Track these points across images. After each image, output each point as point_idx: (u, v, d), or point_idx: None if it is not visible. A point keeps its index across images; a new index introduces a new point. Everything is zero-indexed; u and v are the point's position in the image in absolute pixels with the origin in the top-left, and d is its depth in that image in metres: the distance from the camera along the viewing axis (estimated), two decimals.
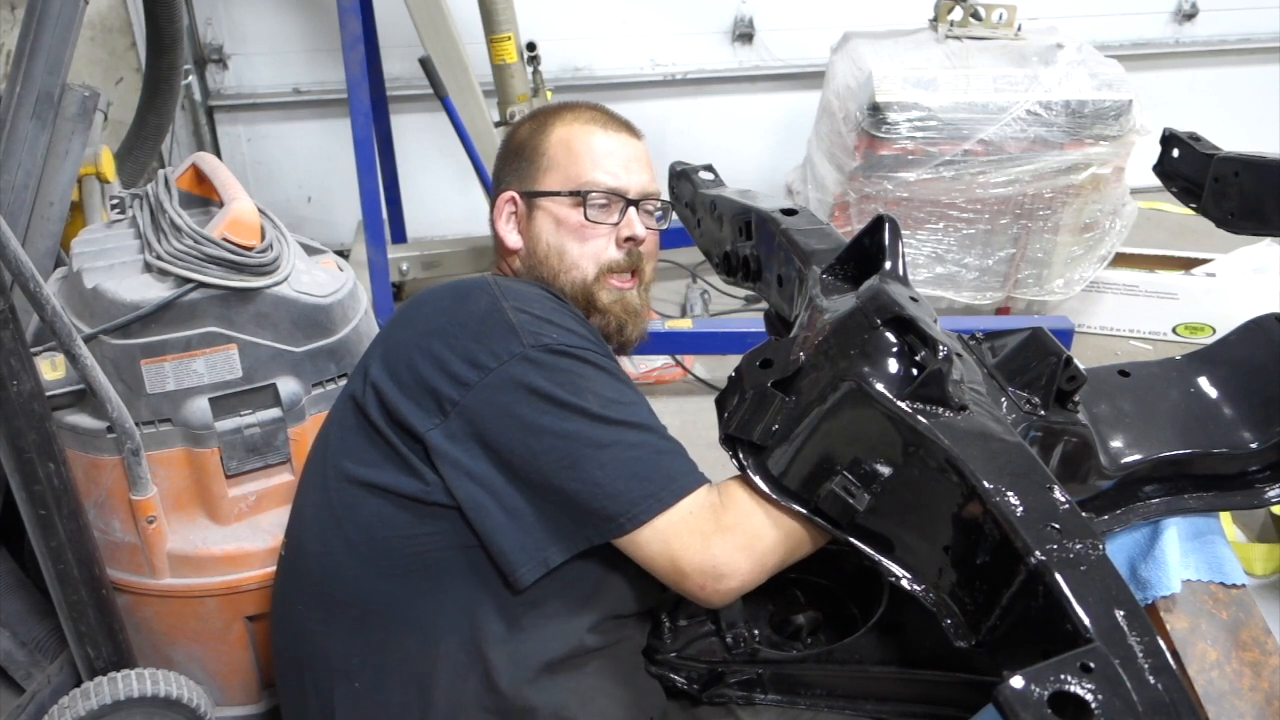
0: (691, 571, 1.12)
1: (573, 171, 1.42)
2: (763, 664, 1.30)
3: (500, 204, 1.47)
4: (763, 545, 1.13)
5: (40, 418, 1.34)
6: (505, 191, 1.47)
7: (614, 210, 1.41)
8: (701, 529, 1.13)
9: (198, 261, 1.42)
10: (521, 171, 1.47)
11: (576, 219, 1.40)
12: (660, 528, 1.13)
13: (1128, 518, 1.29)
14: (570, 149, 1.43)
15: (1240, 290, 2.92)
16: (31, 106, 1.70)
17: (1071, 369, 1.16)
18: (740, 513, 1.14)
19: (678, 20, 3.53)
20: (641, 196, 1.44)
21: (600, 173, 1.41)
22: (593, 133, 1.44)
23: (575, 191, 1.41)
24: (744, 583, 1.14)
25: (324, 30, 3.34)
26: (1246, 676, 1.21)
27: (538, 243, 1.43)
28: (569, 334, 1.21)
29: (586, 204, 1.40)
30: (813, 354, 1.10)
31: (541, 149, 1.45)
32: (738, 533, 1.13)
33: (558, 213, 1.42)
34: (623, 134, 1.47)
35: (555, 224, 1.42)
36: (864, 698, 1.28)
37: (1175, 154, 1.58)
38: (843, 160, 2.78)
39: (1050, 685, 0.72)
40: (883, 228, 1.22)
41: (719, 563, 1.12)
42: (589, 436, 1.15)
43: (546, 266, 1.42)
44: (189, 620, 1.58)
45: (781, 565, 1.16)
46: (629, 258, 1.42)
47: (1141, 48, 3.73)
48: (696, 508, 1.14)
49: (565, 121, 1.46)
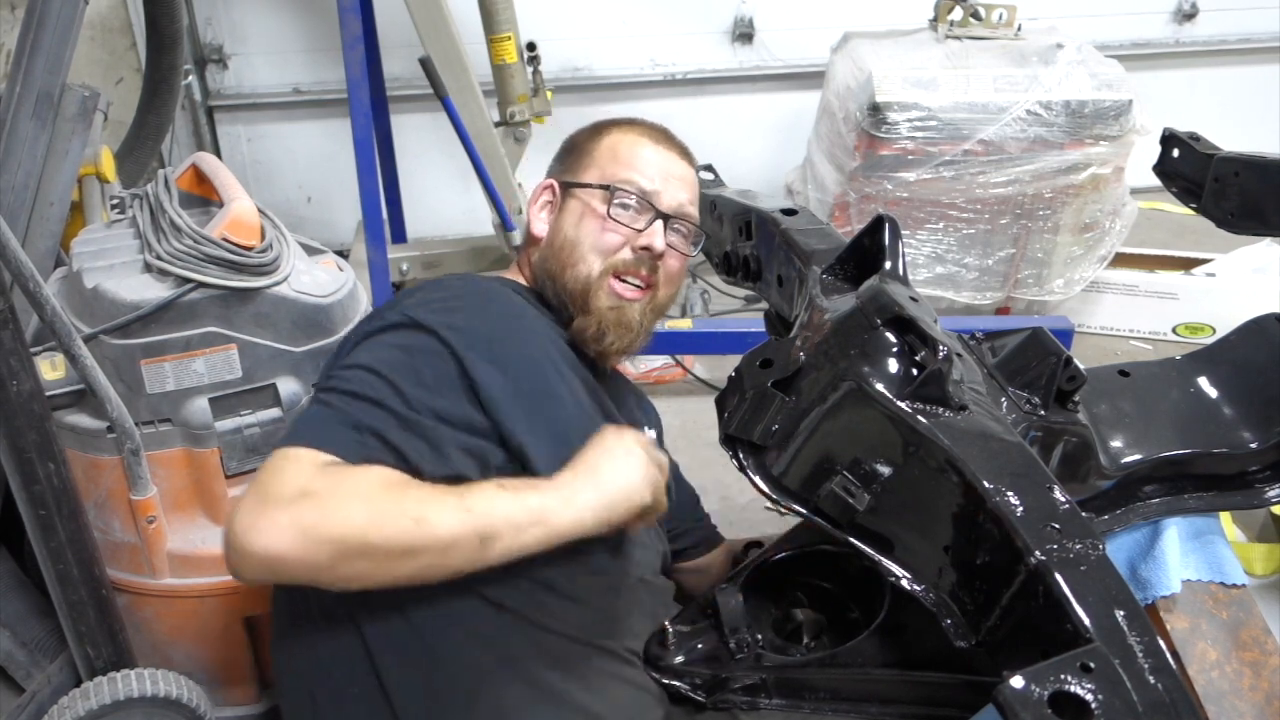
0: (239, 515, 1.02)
1: (610, 170, 1.41)
2: (766, 668, 1.29)
3: (538, 190, 1.48)
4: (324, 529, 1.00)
5: (40, 418, 1.34)
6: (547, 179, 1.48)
7: (641, 216, 1.38)
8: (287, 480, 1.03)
9: (197, 261, 1.42)
10: (567, 165, 1.47)
11: (600, 213, 1.38)
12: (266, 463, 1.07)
13: (1128, 518, 1.29)
14: (616, 152, 1.43)
15: (1240, 290, 2.92)
16: (31, 106, 1.70)
17: (1071, 369, 1.16)
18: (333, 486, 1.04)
19: (678, 20, 3.53)
20: (674, 213, 1.41)
21: (636, 174, 1.40)
22: (643, 143, 1.44)
23: (606, 186, 1.39)
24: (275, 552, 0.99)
25: (324, 30, 3.33)
26: (1246, 676, 1.21)
27: (558, 232, 1.41)
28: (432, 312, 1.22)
29: (613, 199, 1.38)
30: (813, 354, 1.10)
31: (590, 149, 1.45)
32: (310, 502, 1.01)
33: (586, 204, 1.40)
34: (673, 153, 1.46)
35: (580, 215, 1.40)
36: (868, 700, 1.27)
37: (1175, 154, 1.58)
38: (843, 160, 2.78)
39: (1050, 685, 0.72)
40: (883, 228, 1.22)
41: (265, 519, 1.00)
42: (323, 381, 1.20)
43: (558, 260, 1.40)
44: (189, 620, 1.58)
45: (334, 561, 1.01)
46: (638, 264, 1.38)
47: (1141, 48, 3.73)
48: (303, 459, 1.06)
49: (622, 130, 1.46)
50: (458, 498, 1.07)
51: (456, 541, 1.04)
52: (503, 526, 1.06)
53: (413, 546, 1.03)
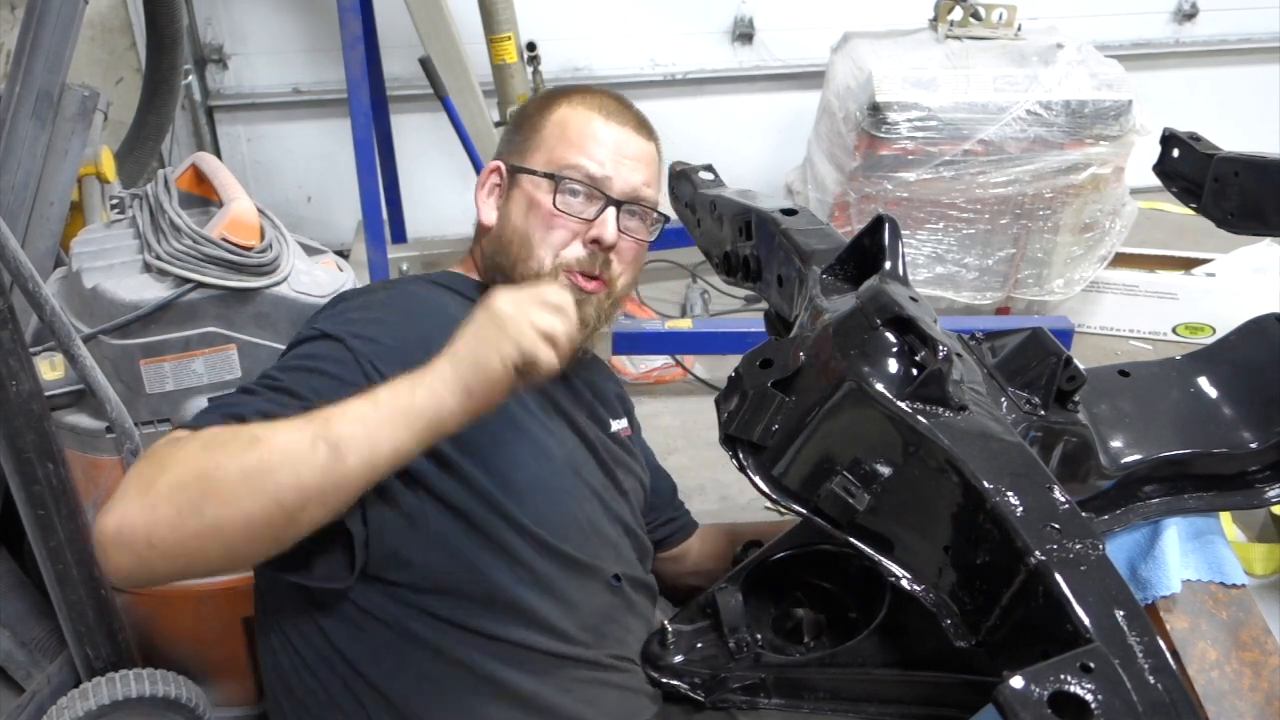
0: (110, 502, 0.92)
1: (558, 153, 1.31)
2: (766, 668, 1.29)
3: (485, 173, 1.38)
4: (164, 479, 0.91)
5: (39, 418, 1.34)
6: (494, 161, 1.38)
7: (591, 205, 1.29)
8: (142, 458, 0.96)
9: (197, 261, 1.42)
10: (514, 144, 1.37)
11: (547, 205, 1.28)
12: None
13: (1128, 518, 1.29)
14: (564, 130, 1.32)
15: (1240, 290, 2.91)
16: (31, 106, 1.70)
17: (1071, 369, 1.15)
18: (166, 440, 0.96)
19: (678, 20, 3.53)
20: (628, 198, 1.31)
21: (584, 158, 1.29)
22: (593, 119, 1.32)
23: (551, 174, 1.29)
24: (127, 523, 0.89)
25: (324, 30, 3.33)
26: (1246, 676, 1.21)
27: (506, 223, 1.33)
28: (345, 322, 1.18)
29: (558, 189, 1.28)
30: (813, 354, 1.10)
31: (539, 125, 1.35)
32: (143, 462, 0.94)
33: (532, 194, 1.31)
34: (628, 127, 1.34)
35: (527, 206, 1.31)
36: (868, 700, 1.27)
37: (1175, 154, 1.58)
38: (843, 160, 2.78)
39: (1050, 685, 0.72)
40: (883, 228, 1.22)
41: (120, 495, 0.92)
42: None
43: (508, 253, 1.31)
44: (188, 620, 1.58)
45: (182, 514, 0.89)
46: (591, 259, 1.29)
47: (1141, 48, 3.73)
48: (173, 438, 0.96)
49: (572, 103, 1.35)
50: (303, 417, 0.95)
51: (300, 452, 0.91)
52: (351, 426, 0.93)
53: (254, 469, 0.89)
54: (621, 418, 1.49)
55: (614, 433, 1.44)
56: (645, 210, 1.34)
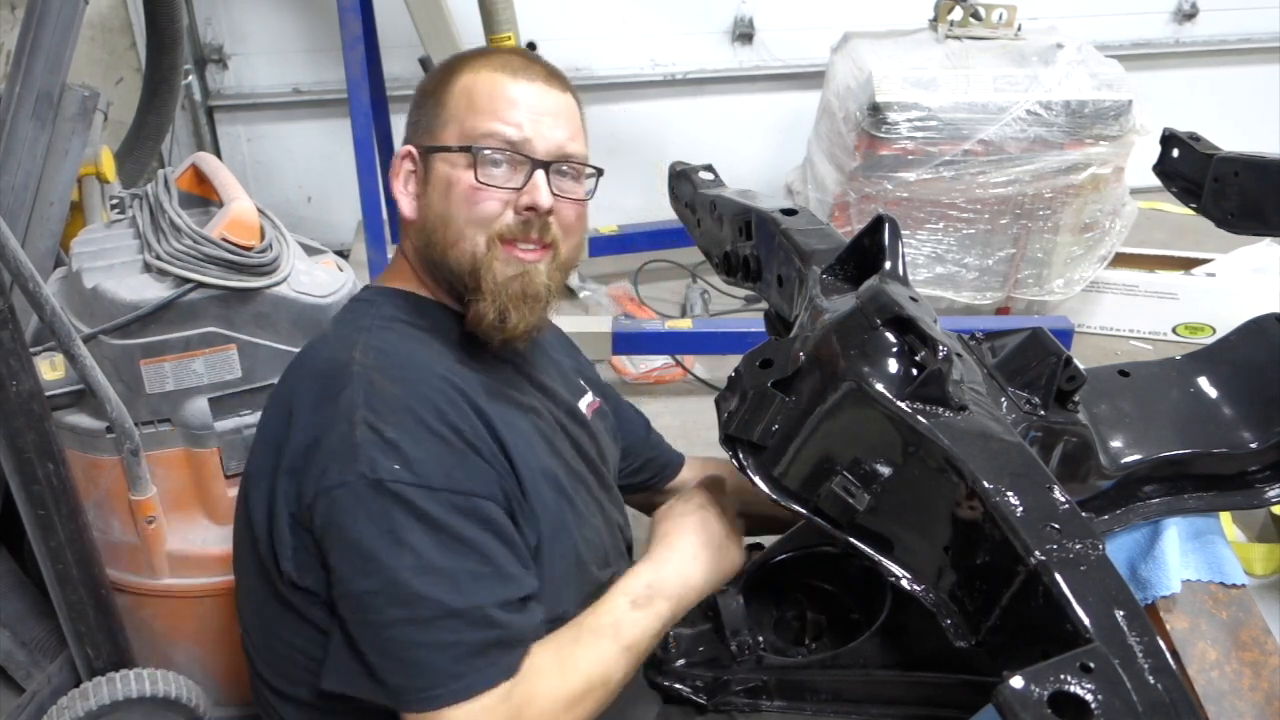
0: None
1: (469, 124, 1.19)
2: (768, 670, 1.29)
3: (396, 162, 1.26)
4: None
5: (39, 418, 1.34)
6: (404, 146, 1.26)
7: (517, 173, 1.18)
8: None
9: (197, 261, 1.42)
10: (421, 124, 1.25)
11: (468, 181, 1.17)
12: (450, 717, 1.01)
13: (1128, 518, 1.29)
14: (472, 99, 1.20)
15: (1240, 290, 2.92)
16: (31, 106, 1.70)
17: (1071, 369, 1.16)
18: (538, 711, 1.05)
19: (678, 20, 3.53)
20: (555, 158, 1.20)
21: (499, 124, 1.18)
22: (500, 80, 1.20)
23: (466, 147, 1.18)
24: None
25: (324, 30, 3.33)
26: (1246, 676, 1.21)
27: (429, 212, 1.22)
28: (417, 466, 1.04)
29: (478, 162, 1.17)
30: (813, 354, 1.10)
31: (443, 99, 1.23)
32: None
33: (450, 173, 1.19)
34: (538, 82, 1.22)
35: (447, 184, 1.19)
36: (870, 701, 1.27)
37: (1175, 154, 1.58)
38: (843, 160, 2.78)
39: (1050, 685, 0.72)
40: (883, 228, 1.22)
41: None
42: (381, 608, 1.02)
43: (436, 242, 1.21)
44: (188, 620, 1.58)
45: None
46: (526, 226, 1.18)
47: (1141, 48, 3.73)
48: (495, 705, 1.02)
49: (474, 68, 1.22)
50: (612, 640, 1.14)
51: (627, 675, 1.15)
52: (649, 644, 1.18)
53: (606, 700, 1.12)
54: (586, 392, 1.43)
55: (589, 422, 1.39)
56: (576, 167, 1.24)
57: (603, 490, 1.35)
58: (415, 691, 1.01)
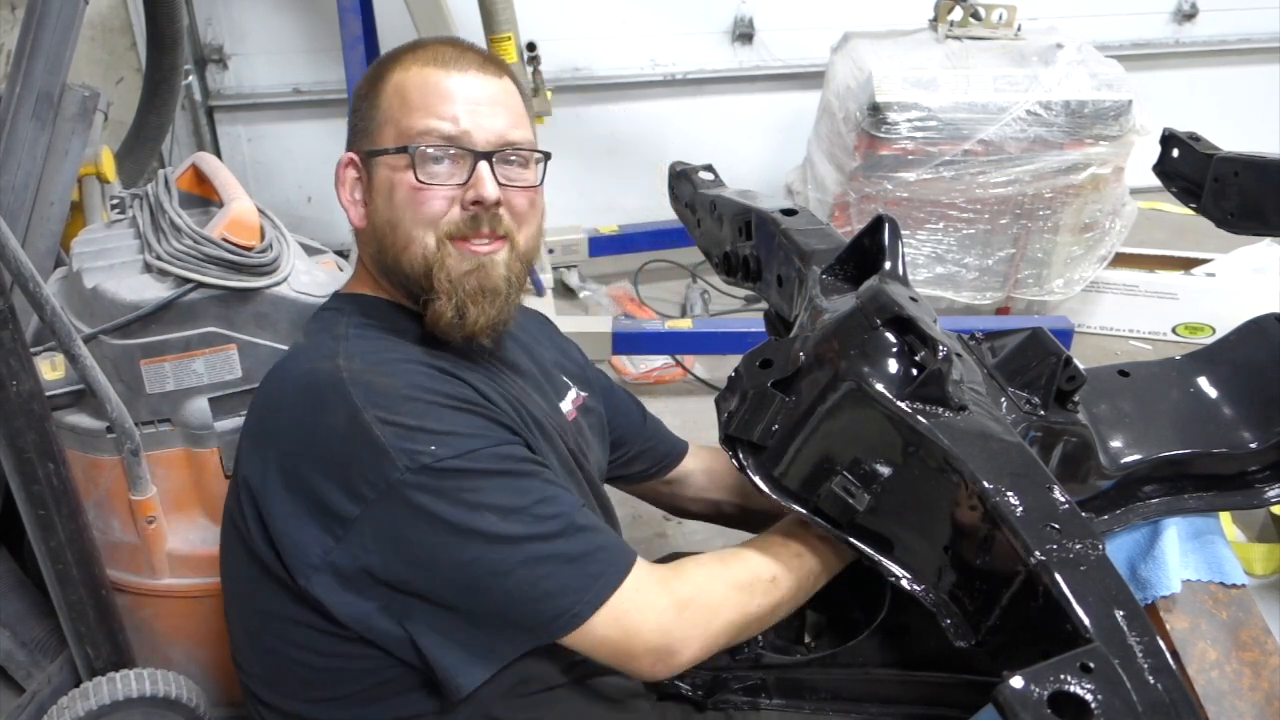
0: (643, 651, 1.07)
1: (405, 124, 1.16)
2: (766, 669, 1.29)
3: (339, 171, 1.24)
4: (719, 622, 1.10)
5: (40, 418, 1.34)
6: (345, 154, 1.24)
7: (459, 167, 1.15)
8: (653, 604, 1.07)
9: (197, 261, 1.41)
10: (359, 129, 1.23)
11: (409, 182, 1.15)
12: (606, 618, 1.05)
13: (1128, 518, 1.29)
14: (405, 96, 1.17)
15: (1240, 290, 2.92)
16: (31, 106, 1.70)
17: (1071, 369, 1.16)
18: (696, 586, 1.10)
19: (678, 20, 3.53)
20: (496, 147, 1.16)
21: (434, 119, 1.15)
22: (430, 74, 1.17)
23: (403, 148, 1.15)
24: (693, 659, 1.09)
25: (324, 30, 3.33)
26: (1246, 676, 1.21)
27: (376, 218, 1.19)
28: (449, 439, 1.04)
29: (416, 162, 1.14)
30: (813, 354, 1.10)
31: (377, 101, 1.20)
32: (694, 608, 1.09)
33: (391, 176, 1.16)
34: (470, 72, 1.18)
35: (390, 188, 1.17)
36: (868, 700, 1.27)
37: (1175, 154, 1.58)
38: (843, 160, 2.78)
39: (1050, 685, 0.72)
40: (882, 228, 1.22)
41: (673, 640, 1.07)
42: (493, 560, 1.03)
43: (387, 248, 1.18)
44: (188, 620, 1.58)
45: (731, 643, 1.14)
46: (476, 221, 1.15)
47: (1141, 48, 3.73)
48: (642, 584, 1.08)
49: (404, 65, 1.19)
50: (783, 546, 1.19)
51: (798, 588, 1.18)
52: (815, 562, 1.20)
53: (779, 604, 1.17)
54: (569, 389, 1.41)
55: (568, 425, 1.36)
56: (522, 154, 1.20)
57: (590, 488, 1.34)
58: (565, 615, 1.05)
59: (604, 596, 1.05)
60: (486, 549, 1.03)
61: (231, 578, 1.24)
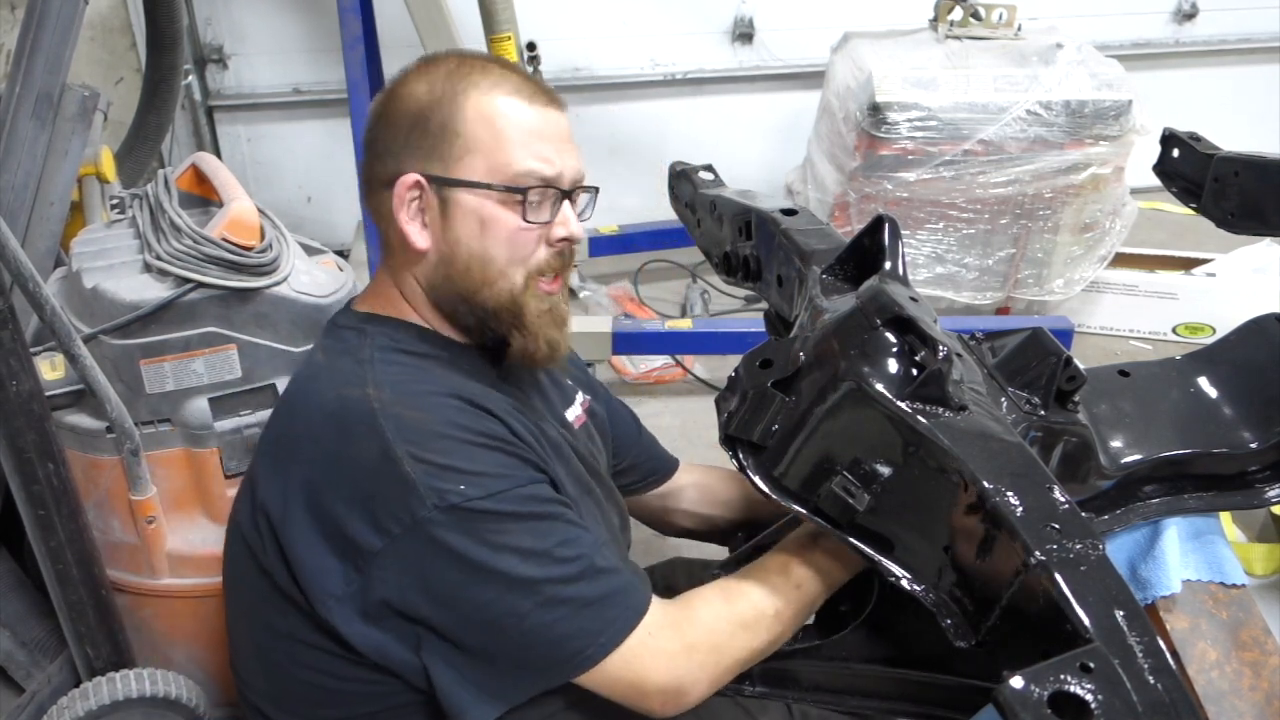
0: (654, 692, 1.09)
1: (501, 159, 1.14)
2: None
3: (401, 190, 1.15)
4: (727, 661, 1.13)
5: (39, 418, 1.34)
6: (406, 174, 1.15)
7: (547, 206, 1.17)
8: (665, 649, 1.10)
9: (197, 261, 1.41)
10: (428, 149, 1.15)
11: (513, 222, 1.14)
12: (618, 661, 1.07)
13: (1128, 518, 1.29)
14: (494, 128, 1.14)
15: (1240, 290, 2.92)
16: (31, 106, 1.70)
17: (1071, 369, 1.16)
18: (705, 628, 1.13)
19: (678, 20, 3.53)
20: (576, 185, 1.20)
21: (532, 159, 1.14)
22: (518, 106, 1.15)
23: (512, 188, 1.14)
24: (702, 696, 1.12)
25: (324, 30, 3.33)
26: (1246, 676, 1.21)
27: (456, 249, 1.16)
28: (478, 480, 1.05)
29: (527, 206, 1.14)
30: (813, 354, 1.10)
31: (455, 125, 1.14)
32: (703, 650, 1.12)
33: (484, 211, 1.14)
34: (550, 108, 1.19)
35: (480, 226, 1.15)
36: (850, 693, 1.28)
37: (1175, 154, 1.58)
38: (843, 160, 2.78)
39: (1050, 685, 0.72)
40: (883, 228, 1.22)
41: (683, 682, 1.10)
42: (511, 601, 1.04)
43: (466, 280, 1.17)
44: (188, 620, 1.58)
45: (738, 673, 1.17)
46: (560, 259, 1.20)
47: (1141, 48, 3.73)
48: (655, 628, 1.10)
49: (482, 89, 1.15)
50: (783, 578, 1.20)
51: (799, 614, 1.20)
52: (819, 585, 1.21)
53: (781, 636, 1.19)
54: (578, 392, 1.43)
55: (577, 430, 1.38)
56: (588, 190, 1.24)
57: (604, 493, 1.35)
58: (578, 657, 1.06)
59: (618, 640, 1.07)
60: (506, 590, 1.05)
61: (237, 589, 1.24)
